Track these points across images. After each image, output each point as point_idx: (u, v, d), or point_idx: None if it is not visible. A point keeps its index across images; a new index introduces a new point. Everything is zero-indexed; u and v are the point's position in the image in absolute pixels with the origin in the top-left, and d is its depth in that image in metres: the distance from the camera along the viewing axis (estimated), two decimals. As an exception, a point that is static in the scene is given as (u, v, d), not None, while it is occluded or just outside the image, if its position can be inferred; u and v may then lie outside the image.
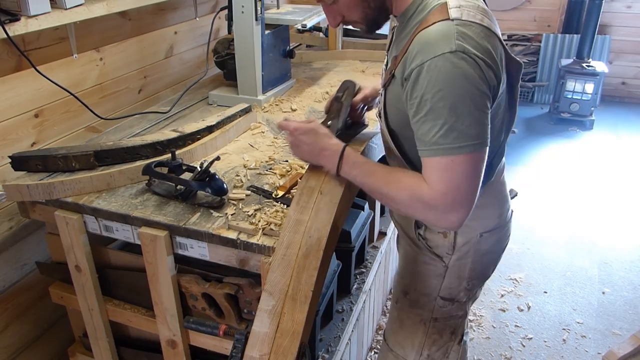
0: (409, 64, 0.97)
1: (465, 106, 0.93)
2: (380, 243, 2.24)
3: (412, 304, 1.34)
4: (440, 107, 0.93)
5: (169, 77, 2.24)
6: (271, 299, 1.08)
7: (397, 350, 1.42)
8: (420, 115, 0.96)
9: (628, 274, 2.79)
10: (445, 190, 0.97)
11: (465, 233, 1.22)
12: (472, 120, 0.93)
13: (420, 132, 0.98)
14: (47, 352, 1.80)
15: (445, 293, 1.29)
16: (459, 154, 0.94)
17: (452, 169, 0.96)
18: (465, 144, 0.94)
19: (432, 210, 0.99)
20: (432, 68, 0.92)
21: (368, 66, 2.44)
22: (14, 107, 1.55)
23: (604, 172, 3.84)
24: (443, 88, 0.92)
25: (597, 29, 4.45)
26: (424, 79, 0.93)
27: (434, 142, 0.95)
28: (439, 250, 1.25)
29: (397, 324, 1.40)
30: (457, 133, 0.93)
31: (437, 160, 0.96)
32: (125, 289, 1.49)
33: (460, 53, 0.91)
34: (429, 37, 0.95)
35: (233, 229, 1.21)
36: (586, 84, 4.46)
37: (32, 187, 1.33)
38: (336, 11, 1.11)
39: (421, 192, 0.99)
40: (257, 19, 1.84)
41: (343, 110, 1.29)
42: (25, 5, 1.40)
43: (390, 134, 1.16)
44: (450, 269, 1.26)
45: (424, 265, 1.28)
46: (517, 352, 2.27)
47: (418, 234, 1.25)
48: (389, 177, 1.07)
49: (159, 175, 1.34)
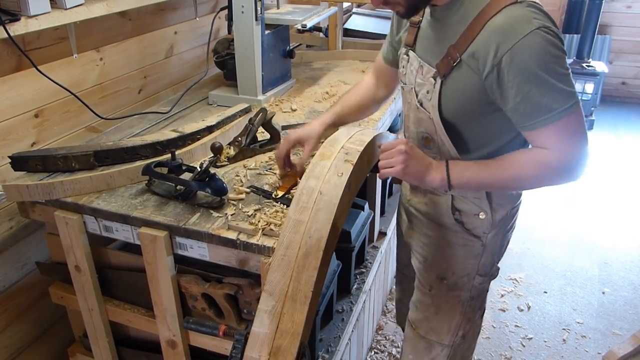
0: (491, 52, 1.03)
1: (560, 72, 1.02)
2: (380, 243, 2.23)
3: (451, 287, 1.37)
4: (541, 80, 1.01)
5: (169, 77, 2.23)
6: (271, 300, 1.08)
7: (431, 337, 1.44)
8: (522, 93, 1.03)
9: (628, 274, 2.79)
10: (569, 149, 1.07)
11: (500, 210, 1.29)
12: (568, 82, 1.03)
13: (527, 108, 1.05)
14: (47, 352, 1.80)
15: (482, 271, 1.35)
16: (569, 114, 1.04)
17: (568, 128, 1.06)
18: (571, 103, 1.04)
19: (562, 171, 1.10)
20: (522, 49, 1.00)
21: (368, 66, 2.44)
22: (14, 107, 1.55)
23: (604, 172, 3.84)
24: (538, 63, 1.00)
25: (597, 29, 4.45)
26: (517, 62, 1.01)
27: (545, 111, 1.04)
28: (476, 231, 1.30)
29: (432, 310, 1.41)
30: (563, 96, 1.03)
31: (553, 126, 1.05)
32: (125, 289, 1.49)
33: (543, 29, 1.00)
34: (507, 23, 1.02)
35: (233, 229, 1.21)
36: (586, 84, 4.45)
37: (32, 187, 1.33)
38: None
39: (546, 160, 1.08)
40: (257, 19, 1.84)
41: (251, 131, 1.54)
42: (25, 5, 1.40)
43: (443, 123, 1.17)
44: (487, 247, 1.32)
45: (461, 248, 1.32)
46: (517, 352, 2.27)
47: (455, 219, 1.30)
48: (502, 164, 1.13)
49: (159, 175, 1.34)
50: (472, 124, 1.17)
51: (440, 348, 1.44)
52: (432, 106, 1.16)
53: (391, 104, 1.98)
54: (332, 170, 1.27)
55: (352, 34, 2.95)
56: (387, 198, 2.52)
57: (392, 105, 1.99)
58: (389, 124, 2.03)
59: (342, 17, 2.74)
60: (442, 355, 1.44)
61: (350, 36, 2.91)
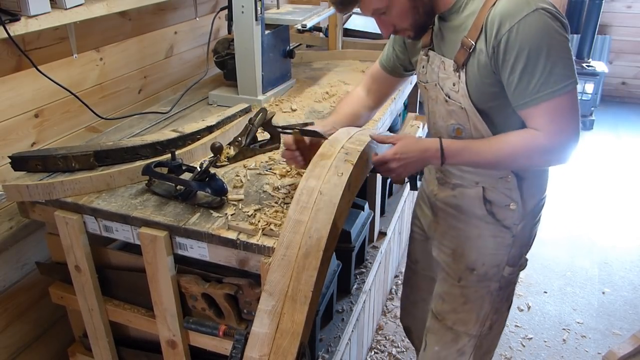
0: (494, 34, 1.08)
1: (556, 52, 1.06)
2: (380, 243, 2.23)
3: (481, 278, 1.39)
4: (536, 59, 1.06)
5: (169, 77, 2.23)
6: (271, 300, 1.08)
7: (458, 328, 1.46)
8: (517, 71, 1.08)
9: (628, 274, 2.79)
10: (558, 129, 1.10)
11: (530, 201, 1.31)
12: (565, 63, 1.07)
13: (520, 87, 1.09)
14: (47, 352, 1.80)
15: (512, 261, 1.37)
16: (560, 95, 1.07)
17: (559, 109, 1.09)
18: (564, 84, 1.07)
19: (551, 152, 1.13)
20: (520, 29, 1.05)
21: (368, 66, 2.43)
22: (14, 107, 1.55)
23: (604, 172, 3.84)
24: (534, 42, 1.05)
25: (597, 29, 4.45)
26: (515, 40, 1.06)
27: (537, 90, 1.07)
28: (507, 222, 1.32)
29: (461, 301, 1.43)
30: (556, 77, 1.06)
31: (544, 106, 1.08)
32: (125, 289, 1.49)
33: (541, 10, 1.05)
34: (508, 7, 1.07)
35: (233, 229, 1.21)
36: (586, 84, 4.45)
37: (32, 187, 1.33)
38: (388, 22, 1.20)
39: (536, 140, 1.12)
40: (257, 19, 1.84)
41: (251, 131, 1.54)
42: (25, 5, 1.40)
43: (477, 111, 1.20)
44: (516, 238, 1.34)
45: (491, 239, 1.35)
46: (517, 352, 2.27)
47: (486, 210, 1.32)
48: (497, 144, 1.17)
49: (159, 175, 1.34)
50: (499, 108, 1.20)
51: (468, 339, 1.45)
52: (462, 96, 1.20)
53: (391, 104, 1.98)
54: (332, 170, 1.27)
55: (352, 34, 2.94)
56: (387, 198, 2.52)
57: (392, 105, 1.99)
58: (389, 124, 2.03)
59: (342, 17, 2.74)
60: (469, 346, 1.46)
61: (350, 36, 2.91)
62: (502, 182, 1.28)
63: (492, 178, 1.28)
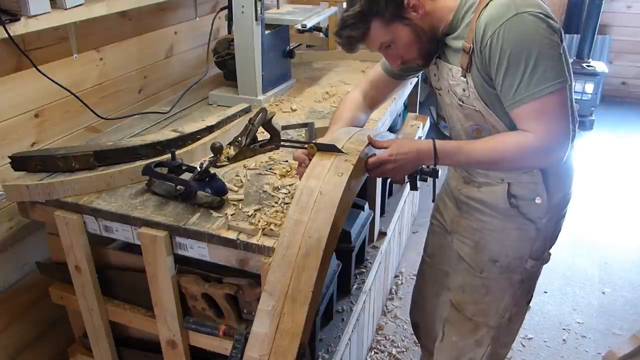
0: (480, 39, 1.12)
1: (537, 53, 1.07)
2: (380, 243, 2.23)
3: (503, 269, 1.40)
4: (517, 60, 1.07)
5: (169, 77, 2.23)
6: (271, 300, 1.08)
7: (478, 318, 1.47)
8: (501, 73, 1.10)
9: (628, 274, 2.79)
10: (546, 130, 1.10)
11: (556, 195, 1.32)
12: (551, 64, 1.07)
13: (504, 88, 1.11)
14: (47, 352, 1.80)
15: (535, 255, 1.38)
16: (545, 95, 1.08)
17: (544, 110, 1.09)
18: (549, 84, 1.07)
19: (541, 152, 1.13)
20: (502, 32, 1.08)
21: (368, 66, 2.44)
22: (14, 107, 1.55)
23: (604, 172, 3.84)
24: (516, 44, 1.07)
25: (597, 29, 4.45)
26: (498, 43, 1.09)
27: (519, 91, 1.09)
28: (532, 215, 1.33)
29: (483, 291, 1.44)
30: (538, 77, 1.07)
31: (528, 107, 1.10)
32: (125, 289, 1.49)
33: (523, 14, 1.07)
34: (492, 12, 1.10)
35: (233, 229, 1.21)
36: (586, 84, 4.45)
37: (32, 187, 1.33)
38: (395, 55, 1.24)
39: (526, 141, 1.12)
40: (257, 19, 1.84)
41: (251, 131, 1.52)
42: (25, 5, 1.40)
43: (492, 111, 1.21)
44: (540, 231, 1.35)
45: (515, 232, 1.36)
46: (517, 352, 2.27)
47: (511, 204, 1.33)
48: (490, 145, 1.18)
49: (159, 175, 1.34)
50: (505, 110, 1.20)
51: (487, 329, 1.46)
52: (474, 100, 1.22)
53: (391, 104, 1.98)
54: (332, 170, 1.27)
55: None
56: (387, 198, 2.52)
57: (392, 105, 1.99)
58: (389, 124, 2.03)
59: (342, 17, 2.74)
60: (487, 337, 1.47)
61: (350, 36, 2.90)
62: (527, 176, 1.29)
63: (518, 173, 1.29)
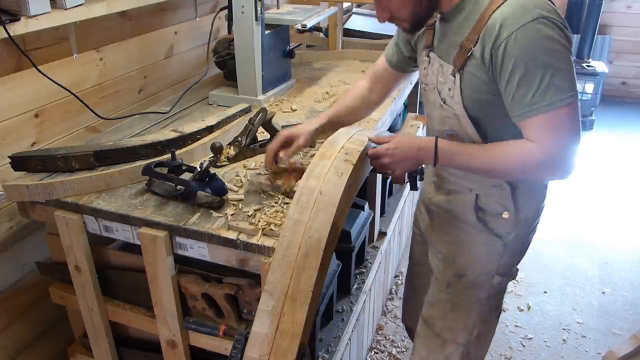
0: (492, 40, 1.05)
1: (555, 63, 1.02)
2: (380, 243, 2.23)
3: (470, 285, 1.37)
4: (534, 69, 1.02)
5: (169, 77, 2.23)
6: (271, 300, 1.08)
7: (445, 335, 1.44)
8: (515, 81, 1.05)
9: (628, 274, 2.79)
10: (555, 144, 1.06)
11: (525, 210, 1.28)
12: (564, 75, 1.03)
13: (516, 97, 1.06)
14: (47, 352, 1.80)
15: (502, 271, 1.35)
16: (559, 107, 1.03)
17: (556, 123, 1.05)
18: (564, 97, 1.03)
19: (547, 166, 1.09)
20: (520, 37, 1.02)
21: (368, 66, 2.44)
22: (14, 107, 1.55)
23: (604, 172, 3.84)
24: (533, 51, 1.02)
25: (597, 29, 4.45)
26: (514, 48, 1.02)
27: (534, 101, 1.04)
28: (498, 230, 1.30)
29: (449, 307, 1.42)
30: (554, 89, 1.02)
31: (541, 118, 1.05)
32: (125, 289, 1.49)
33: (543, 19, 1.01)
34: (509, 12, 1.03)
35: (233, 229, 1.21)
36: (586, 84, 4.45)
37: (32, 187, 1.33)
38: (386, 7, 1.16)
39: (532, 153, 1.08)
40: (257, 19, 1.84)
41: (251, 131, 1.54)
42: (25, 5, 1.40)
43: (470, 119, 1.18)
44: (508, 246, 1.31)
45: (482, 247, 1.32)
46: (517, 352, 2.27)
47: (477, 218, 1.30)
48: (492, 152, 1.14)
49: (159, 175, 1.34)
50: (493, 117, 1.17)
51: (455, 346, 1.44)
52: (455, 102, 1.18)
53: (391, 104, 1.98)
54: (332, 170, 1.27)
55: (352, 34, 2.94)
56: (387, 198, 2.52)
57: (392, 105, 1.99)
58: (389, 124, 2.03)
59: (342, 17, 2.74)
60: (456, 354, 1.44)
61: (350, 36, 2.91)
62: (496, 189, 1.25)
63: (486, 185, 1.26)
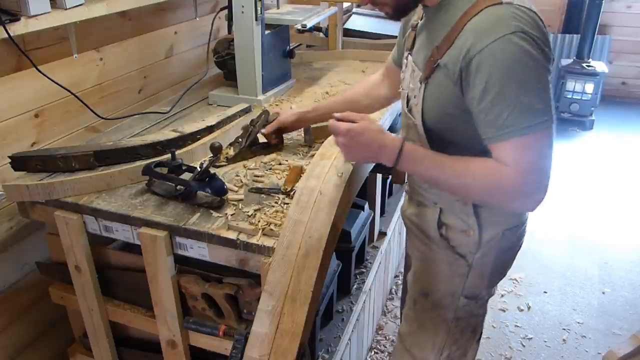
0: (464, 52, 0.96)
1: (532, 84, 0.93)
2: (380, 243, 2.24)
3: (434, 305, 1.31)
4: (508, 89, 0.93)
5: (169, 77, 2.23)
6: (271, 300, 1.08)
7: (414, 352, 1.38)
8: (486, 100, 0.95)
9: (628, 274, 2.79)
10: (527, 170, 0.97)
11: (490, 230, 1.20)
12: (541, 97, 0.94)
13: (489, 117, 0.97)
14: (47, 352, 1.80)
15: (469, 292, 1.28)
16: (534, 132, 0.95)
17: (530, 148, 0.96)
18: (539, 121, 0.95)
19: (515, 193, 1.00)
20: (493, 51, 0.92)
21: (368, 66, 2.44)
22: (14, 107, 1.55)
23: (604, 172, 3.84)
24: (508, 69, 0.92)
25: (597, 29, 4.45)
26: (487, 64, 0.93)
27: (508, 124, 0.95)
28: (462, 249, 1.23)
29: (416, 325, 1.37)
30: (530, 112, 0.94)
31: (514, 142, 0.96)
32: (125, 289, 1.49)
33: (520, 33, 0.92)
34: (484, 23, 0.95)
35: (233, 229, 1.21)
36: (586, 84, 4.45)
37: (32, 187, 1.33)
38: None
39: (501, 177, 0.99)
40: (257, 19, 1.84)
41: (252, 133, 1.54)
42: (25, 5, 1.40)
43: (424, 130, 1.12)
44: (473, 268, 1.24)
45: (445, 266, 1.26)
46: (517, 352, 2.27)
47: (440, 234, 1.23)
48: (459, 166, 1.05)
49: (159, 175, 1.34)
50: (455, 133, 1.09)
51: None
52: (417, 112, 1.12)
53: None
54: (332, 170, 1.27)
55: (352, 34, 2.94)
56: (387, 198, 2.52)
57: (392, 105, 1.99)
58: (389, 124, 2.03)
59: (342, 17, 2.74)
60: None
61: (350, 36, 2.90)
62: (459, 204, 1.18)
63: (450, 199, 1.19)
